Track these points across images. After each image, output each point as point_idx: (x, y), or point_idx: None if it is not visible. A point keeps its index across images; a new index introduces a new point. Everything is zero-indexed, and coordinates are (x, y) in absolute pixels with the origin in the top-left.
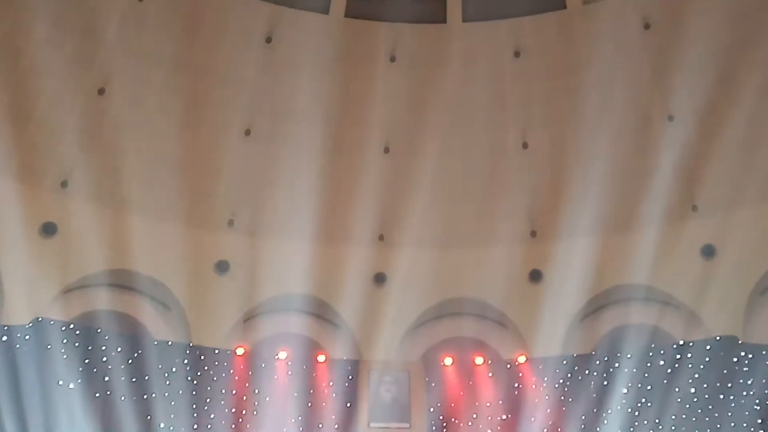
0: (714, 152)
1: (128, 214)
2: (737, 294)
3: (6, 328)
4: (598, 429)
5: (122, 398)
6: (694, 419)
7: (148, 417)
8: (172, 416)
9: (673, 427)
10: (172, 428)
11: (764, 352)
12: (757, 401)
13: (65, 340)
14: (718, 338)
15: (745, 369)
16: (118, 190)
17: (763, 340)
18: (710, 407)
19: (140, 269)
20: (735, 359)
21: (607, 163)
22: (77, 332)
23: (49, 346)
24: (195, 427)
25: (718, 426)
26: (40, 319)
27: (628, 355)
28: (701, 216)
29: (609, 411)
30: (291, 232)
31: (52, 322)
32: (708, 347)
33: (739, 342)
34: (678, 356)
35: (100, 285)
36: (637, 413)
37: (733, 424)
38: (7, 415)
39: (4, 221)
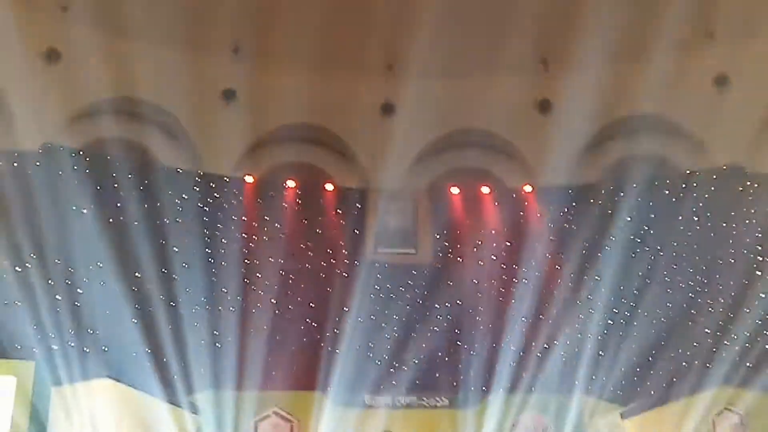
0: None
1: (132, 40)
2: (747, 124)
3: (17, 154)
4: (599, 256)
5: (135, 224)
6: (695, 247)
7: (162, 242)
8: (185, 241)
9: (674, 254)
10: (184, 252)
11: None
12: (759, 230)
13: (76, 167)
14: (724, 167)
15: (749, 198)
16: (119, 15)
17: None
18: (712, 235)
19: (147, 97)
20: (740, 188)
21: None
22: (87, 159)
23: (60, 173)
24: (208, 251)
25: (719, 253)
26: (49, 145)
27: (634, 185)
28: (716, 44)
29: (612, 239)
30: (299, 60)
31: (61, 149)
32: (714, 177)
33: (746, 171)
34: (683, 186)
35: (107, 112)
36: (639, 241)
37: (733, 251)
38: (23, 239)
39: (6, 48)
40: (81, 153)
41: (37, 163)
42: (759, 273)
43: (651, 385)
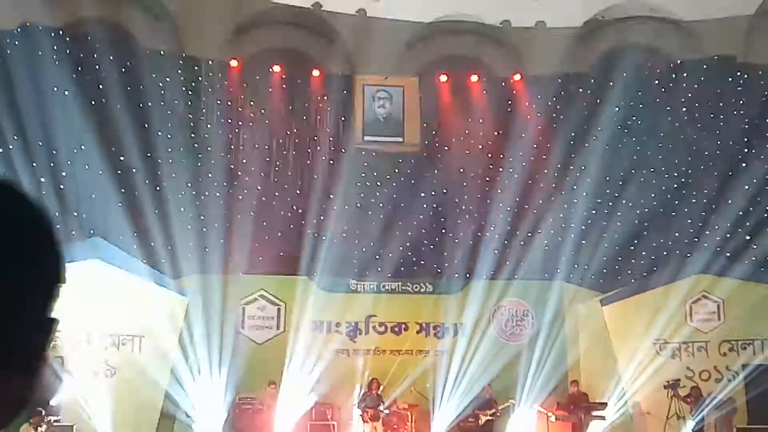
0: None
1: None
2: (740, 14)
3: None
4: (586, 145)
5: (118, 106)
6: (682, 137)
7: (145, 125)
8: (169, 125)
9: (660, 145)
10: (169, 136)
11: (760, 72)
12: (746, 120)
13: (55, 47)
14: (715, 57)
15: (738, 89)
16: None
17: (761, 60)
18: (699, 126)
19: None
20: (730, 79)
21: None
22: (67, 39)
23: (39, 53)
24: (192, 135)
25: (706, 144)
26: (27, 24)
27: (623, 74)
28: None
29: (599, 128)
30: None
31: (40, 28)
32: (704, 66)
33: (736, 61)
34: (673, 75)
35: None
36: (626, 131)
37: (719, 143)
38: (6, 121)
39: None
40: (60, 32)
41: (16, 42)
42: (744, 164)
43: (631, 274)
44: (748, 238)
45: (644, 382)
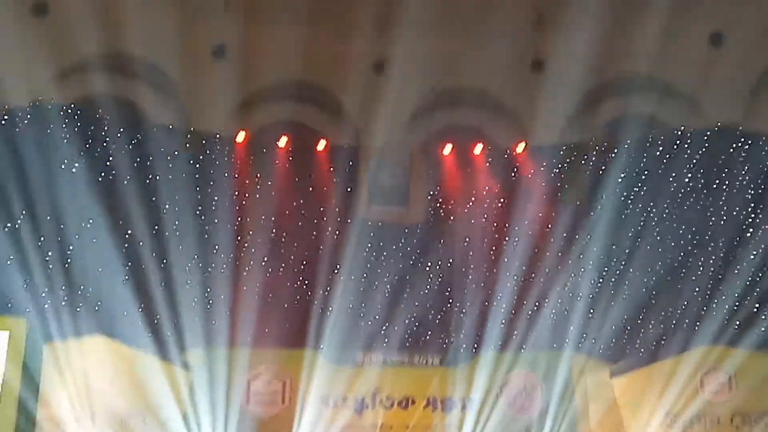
0: None
1: None
2: (741, 82)
3: (5, 110)
4: (591, 214)
5: (125, 181)
6: (686, 206)
7: (152, 199)
8: (176, 198)
9: (665, 214)
10: (176, 210)
11: (762, 141)
12: (751, 189)
13: (65, 123)
14: (717, 126)
15: (741, 157)
16: None
17: (763, 129)
18: (704, 194)
19: (136, 52)
20: (732, 148)
21: None
22: (77, 115)
23: (49, 129)
24: (198, 209)
25: (711, 213)
26: (38, 101)
27: (626, 144)
28: (711, 3)
29: (603, 199)
30: (290, 16)
31: (51, 105)
32: (706, 135)
33: (739, 130)
34: (675, 145)
35: (96, 67)
36: (631, 200)
37: (724, 211)
38: (14, 196)
39: None
40: (70, 109)
41: (26, 120)
42: (750, 233)
43: (640, 344)
44: (757, 307)
45: None
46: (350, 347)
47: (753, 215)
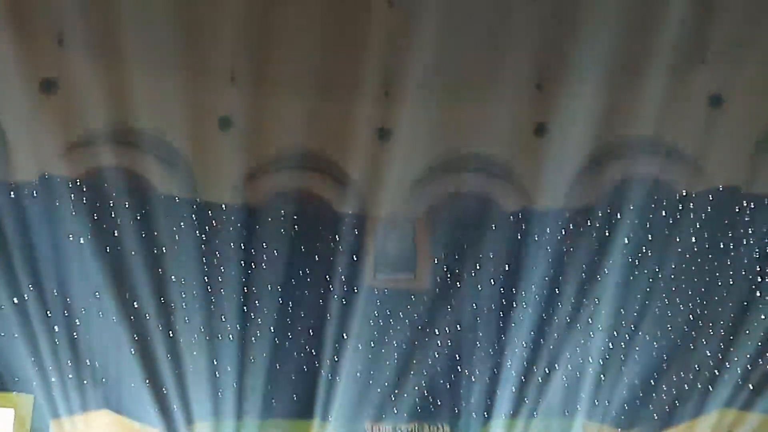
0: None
1: (128, 68)
2: (742, 144)
3: (13, 185)
4: (598, 278)
5: (132, 253)
6: (693, 268)
7: (159, 271)
8: (183, 269)
9: (672, 276)
10: (183, 281)
11: (766, 202)
12: (757, 250)
13: (73, 197)
14: (720, 189)
15: (746, 219)
16: (115, 44)
17: (766, 190)
18: (710, 256)
19: (143, 125)
20: (737, 209)
21: (617, 11)
22: (84, 189)
23: (57, 203)
24: (206, 279)
25: (718, 275)
26: (46, 176)
27: (630, 207)
28: (710, 65)
29: (610, 261)
30: (296, 86)
31: (58, 179)
32: (710, 198)
33: (742, 192)
34: (680, 207)
35: (103, 141)
36: (637, 263)
37: (732, 272)
38: (21, 271)
39: (2, 80)
40: (78, 182)
41: (34, 194)
42: (758, 294)
43: (653, 409)
44: None
45: None
46: (359, 417)
47: (761, 276)
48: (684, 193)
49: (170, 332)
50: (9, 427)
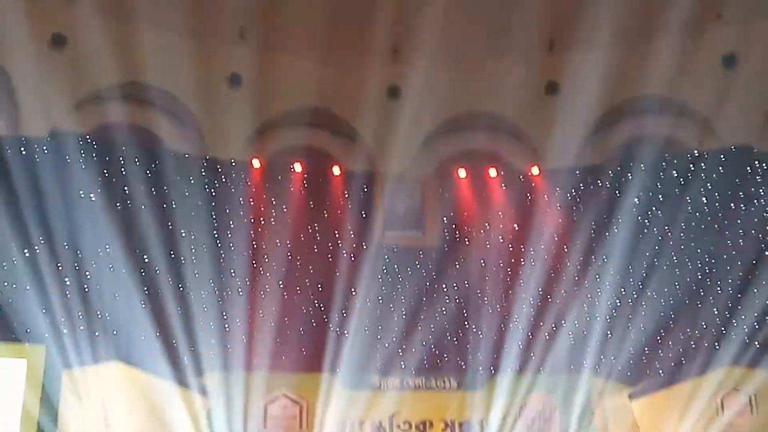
0: None
1: (138, 25)
2: (755, 104)
3: (24, 140)
4: (607, 237)
5: (142, 208)
6: (703, 227)
7: (169, 226)
8: (192, 225)
9: (682, 236)
10: (192, 236)
11: None
12: (767, 210)
13: (83, 152)
14: (732, 148)
15: (758, 179)
16: (124, 2)
17: None
18: (720, 216)
19: (152, 81)
20: (748, 169)
21: None
22: (94, 144)
23: (67, 158)
24: (215, 235)
25: (727, 234)
26: (56, 131)
27: (641, 166)
28: (725, 24)
29: (619, 220)
30: (305, 44)
31: (69, 134)
32: (722, 157)
33: (754, 152)
34: (691, 167)
35: (113, 97)
36: (647, 222)
37: (741, 231)
38: (32, 224)
39: (12, 34)
40: (88, 138)
41: (45, 149)
42: (767, 253)
43: (659, 366)
44: None
45: None
46: (367, 371)
47: None
48: (696, 153)
49: (180, 286)
50: (22, 377)
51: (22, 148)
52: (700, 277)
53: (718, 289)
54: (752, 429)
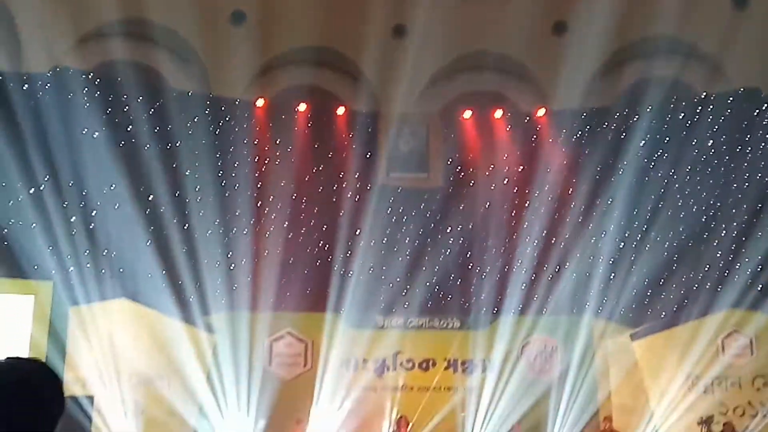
0: None
1: None
2: (765, 45)
3: (26, 77)
4: (612, 180)
5: (146, 147)
6: (708, 170)
7: (173, 165)
8: (197, 164)
9: (687, 178)
10: (197, 176)
11: None
12: None
13: (86, 90)
14: (740, 90)
15: (765, 122)
16: None
17: None
18: (726, 159)
19: (156, 18)
20: (756, 112)
21: None
22: (97, 82)
23: (70, 95)
24: (219, 174)
25: (733, 177)
26: (59, 68)
27: (648, 108)
28: None
29: (625, 163)
30: None
31: (71, 71)
32: (730, 99)
33: (762, 94)
34: (698, 109)
35: (116, 34)
36: (652, 165)
37: (747, 175)
38: (36, 160)
39: None
40: (90, 75)
41: (47, 86)
42: None
43: (661, 308)
44: None
45: (677, 419)
46: (371, 310)
47: None
48: (703, 96)
49: (185, 225)
50: (30, 314)
51: (24, 85)
52: (704, 220)
53: (722, 232)
54: (752, 370)
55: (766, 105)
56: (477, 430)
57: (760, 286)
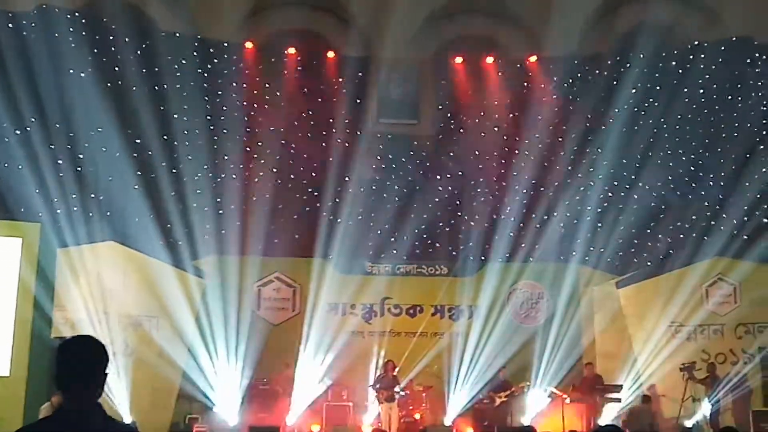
0: None
1: None
2: None
3: (11, 15)
4: (603, 128)
5: (134, 88)
6: (699, 119)
7: (161, 107)
8: (185, 107)
9: (677, 127)
10: (185, 119)
11: None
12: (765, 102)
13: (72, 29)
14: (733, 39)
15: (757, 70)
16: None
17: None
18: (717, 108)
19: None
20: (748, 60)
21: None
22: (83, 21)
23: (56, 35)
24: (208, 118)
25: (723, 126)
26: (44, 6)
27: (641, 55)
28: None
29: (616, 110)
30: None
31: (57, 10)
32: (722, 48)
33: (755, 43)
34: (691, 57)
35: None
36: (643, 113)
37: (737, 125)
38: (24, 103)
39: None
40: (77, 14)
41: (32, 25)
42: (761, 147)
43: (647, 256)
44: (765, 221)
45: (660, 365)
46: (359, 256)
47: (764, 130)
48: (696, 43)
49: (174, 169)
50: (17, 255)
51: (9, 23)
52: (692, 169)
53: (710, 181)
54: (735, 317)
55: (758, 54)
56: (463, 374)
57: (746, 235)
